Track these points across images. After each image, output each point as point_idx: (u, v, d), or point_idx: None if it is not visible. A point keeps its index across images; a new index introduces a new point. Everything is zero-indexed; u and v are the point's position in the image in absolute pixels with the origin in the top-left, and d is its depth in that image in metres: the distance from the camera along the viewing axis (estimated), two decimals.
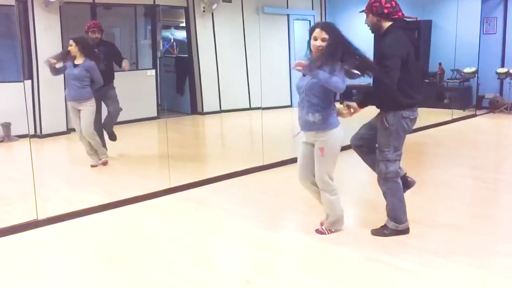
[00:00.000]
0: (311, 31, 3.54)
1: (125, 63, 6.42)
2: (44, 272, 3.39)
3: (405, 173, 3.89)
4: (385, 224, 3.82)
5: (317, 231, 3.88)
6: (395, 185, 3.71)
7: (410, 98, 3.58)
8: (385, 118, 3.60)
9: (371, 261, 3.38)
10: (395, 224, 3.76)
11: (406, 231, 3.78)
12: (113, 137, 6.48)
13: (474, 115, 9.89)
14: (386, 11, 3.53)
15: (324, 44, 3.47)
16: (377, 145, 3.73)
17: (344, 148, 3.91)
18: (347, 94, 3.99)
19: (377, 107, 3.69)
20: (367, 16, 3.66)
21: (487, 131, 8.83)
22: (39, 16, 8.05)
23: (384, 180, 3.71)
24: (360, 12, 3.73)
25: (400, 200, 3.74)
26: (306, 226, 4.05)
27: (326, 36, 3.47)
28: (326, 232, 3.85)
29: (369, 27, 3.68)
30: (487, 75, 10.16)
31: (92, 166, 6.05)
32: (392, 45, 3.48)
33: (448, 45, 10.29)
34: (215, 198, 4.94)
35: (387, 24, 3.57)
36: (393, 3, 3.55)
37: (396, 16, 3.56)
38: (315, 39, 3.50)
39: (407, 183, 3.87)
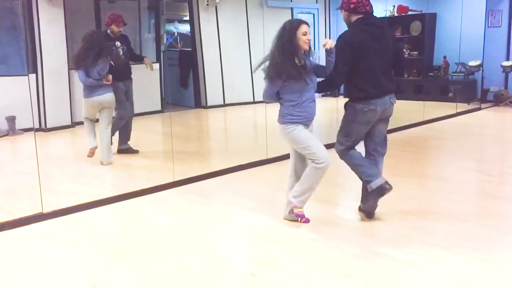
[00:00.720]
0: (296, 27, 3.72)
1: (148, 61, 6.41)
2: (49, 264, 3.40)
3: (385, 181, 3.87)
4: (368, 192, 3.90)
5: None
6: (348, 158, 3.92)
7: (362, 92, 3.76)
8: (345, 106, 3.92)
9: (376, 254, 3.38)
10: (371, 186, 3.82)
11: (383, 186, 3.81)
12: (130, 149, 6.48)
13: (479, 109, 9.85)
14: (352, 6, 3.77)
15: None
16: None
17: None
18: None
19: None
20: (341, 13, 3.93)
21: (492, 124, 8.80)
22: (43, 10, 8.05)
23: (340, 157, 3.99)
24: (336, 9, 4.04)
25: (359, 165, 3.88)
26: (311, 219, 4.05)
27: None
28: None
29: (346, 23, 3.92)
30: (492, 69, 10.11)
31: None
32: (337, 48, 3.73)
33: (453, 38, 10.24)
34: (219, 191, 4.95)
35: (354, 18, 3.81)
36: None
37: (363, 10, 3.76)
38: (305, 34, 3.72)
39: (382, 190, 3.85)
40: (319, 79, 3.94)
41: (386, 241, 3.58)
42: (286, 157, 5.93)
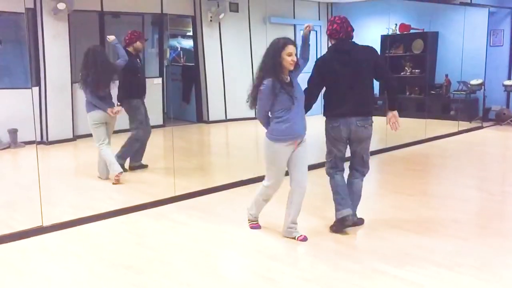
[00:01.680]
0: (283, 47, 3.78)
1: None
2: (49, 278, 3.38)
3: (350, 214, 4.06)
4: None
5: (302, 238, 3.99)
6: (330, 181, 4.20)
7: (329, 110, 4.10)
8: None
9: (376, 272, 3.36)
10: (336, 216, 4.06)
11: (345, 218, 4.01)
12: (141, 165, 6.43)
13: (481, 127, 9.86)
14: (328, 32, 4.11)
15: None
16: None
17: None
18: None
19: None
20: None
21: (493, 143, 8.79)
22: (47, 23, 8.12)
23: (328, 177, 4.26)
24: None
25: (334, 192, 4.14)
26: (311, 236, 4.03)
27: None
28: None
29: None
30: (493, 87, 10.13)
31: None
32: (312, 70, 4.12)
33: (454, 56, 10.29)
34: (220, 206, 4.93)
35: (332, 43, 4.15)
36: (335, 25, 4.06)
37: (337, 37, 4.05)
38: (290, 55, 3.77)
39: (344, 221, 4.06)
40: None
41: (387, 259, 3.56)
42: (287, 173, 5.95)
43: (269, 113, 3.93)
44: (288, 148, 3.86)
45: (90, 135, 8.20)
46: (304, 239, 3.94)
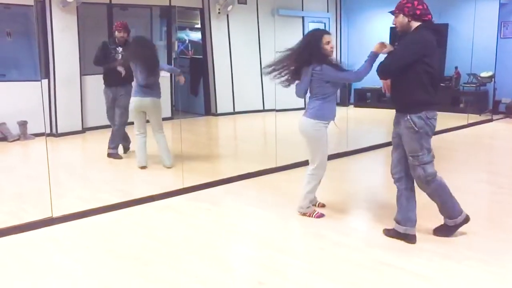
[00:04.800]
0: (320, 37, 4.11)
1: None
2: (58, 269, 3.42)
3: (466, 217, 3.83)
4: (445, 224, 3.82)
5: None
6: (438, 184, 3.71)
7: (428, 100, 3.60)
8: (412, 123, 3.58)
9: (384, 265, 3.35)
10: (452, 220, 3.77)
11: (465, 221, 3.79)
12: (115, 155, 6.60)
13: (491, 120, 9.78)
14: (418, 12, 3.56)
15: None
16: (407, 151, 3.68)
17: (357, 152, 3.92)
18: (361, 96, 4.39)
19: (397, 111, 3.73)
20: (396, 17, 3.68)
21: (503, 136, 8.72)
22: (56, 16, 8.14)
23: (426, 183, 3.69)
24: (389, 12, 3.75)
25: (448, 195, 3.76)
26: (318, 228, 4.03)
27: None
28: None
29: (397, 28, 3.70)
30: (504, 80, 10.05)
31: None
32: (409, 43, 3.58)
33: (464, 49, 10.20)
34: (228, 199, 4.95)
35: (416, 25, 3.59)
36: (425, 6, 3.59)
37: (426, 18, 3.59)
38: (329, 43, 4.11)
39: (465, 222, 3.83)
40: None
41: (395, 251, 3.55)
42: (295, 165, 5.97)
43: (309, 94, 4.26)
44: (326, 127, 4.19)
45: (99, 128, 8.31)
46: (321, 215, 4.25)
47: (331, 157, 5.10)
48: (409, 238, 3.70)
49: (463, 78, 10.46)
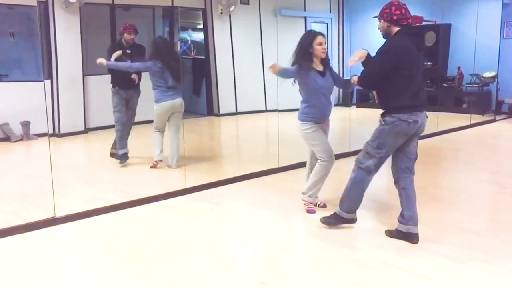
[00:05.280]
0: (313, 38, 4.26)
1: None
2: (60, 269, 3.42)
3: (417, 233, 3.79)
4: (335, 213, 4.02)
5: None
6: (359, 179, 3.87)
7: (406, 103, 3.69)
8: (382, 117, 3.78)
9: (386, 265, 3.35)
10: (343, 212, 3.96)
11: (351, 221, 4.00)
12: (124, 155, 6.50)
13: (493, 120, 9.76)
14: (395, 17, 3.68)
15: None
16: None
17: (359, 152, 3.92)
18: (364, 96, 4.65)
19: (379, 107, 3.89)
20: (379, 22, 3.83)
21: (506, 136, 8.70)
22: (59, 16, 8.16)
23: (356, 167, 3.90)
24: (374, 17, 3.93)
25: (357, 192, 3.91)
26: (321, 228, 4.03)
27: None
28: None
29: (381, 32, 3.84)
30: (507, 80, 10.02)
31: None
32: (382, 53, 3.69)
33: (467, 49, 10.19)
34: (231, 199, 4.95)
35: (395, 29, 3.71)
36: (403, 11, 3.69)
37: (405, 23, 3.70)
38: (321, 44, 4.25)
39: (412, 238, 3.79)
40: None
41: (397, 252, 3.55)
42: (297, 165, 5.96)
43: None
44: (317, 125, 4.34)
45: (101, 128, 8.33)
46: (324, 205, 4.50)
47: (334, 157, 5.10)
48: (412, 237, 3.71)
49: (466, 78, 10.45)
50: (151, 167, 6.01)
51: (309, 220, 4.31)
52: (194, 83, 10.95)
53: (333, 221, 4.01)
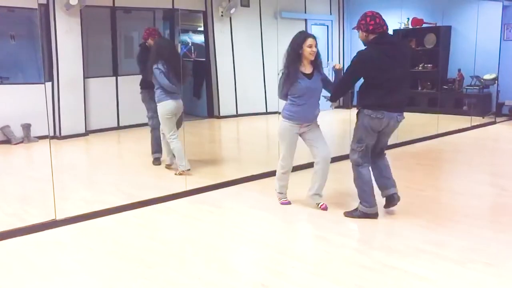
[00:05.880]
0: (304, 39, 4.28)
1: None
2: (61, 271, 3.42)
3: (395, 192, 4.34)
4: (356, 207, 4.29)
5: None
6: (358, 171, 4.22)
7: (373, 101, 4.07)
8: (357, 114, 4.23)
9: (387, 267, 3.35)
10: (363, 206, 4.22)
11: (374, 215, 4.23)
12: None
13: (494, 122, 9.76)
14: (371, 27, 4.05)
15: None
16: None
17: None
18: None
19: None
20: (358, 33, 4.19)
21: (506, 138, 8.71)
22: (60, 19, 8.17)
23: (352, 167, 4.29)
24: (352, 29, 4.28)
25: (360, 186, 4.23)
26: (321, 230, 4.03)
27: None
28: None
29: (362, 41, 4.20)
30: (507, 82, 10.02)
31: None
32: (355, 60, 4.09)
33: (467, 51, 10.19)
34: (231, 201, 4.95)
35: (372, 37, 4.09)
36: (377, 20, 4.06)
37: (380, 30, 4.06)
38: (310, 46, 4.26)
39: (391, 200, 4.36)
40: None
41: (398, 254, 3.55)
42: (298, 168, 5.95)
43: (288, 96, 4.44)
44: (293, 128, 4.40)
45: (102, 130, 8.34)
46: (325, 208, 4.45)
47: (334, 159, 5.10)
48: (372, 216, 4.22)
49: (466, 80, 10.45)
50: (175, 174, 5.85)
51: (309, 222, 4.31)
52: (195, 85, 10.95)
53: (355, 214, 4.27)
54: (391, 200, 4.33)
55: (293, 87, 4.31)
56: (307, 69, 4.33)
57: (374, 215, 4.22)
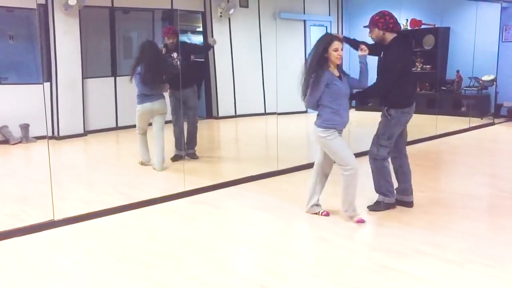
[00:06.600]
0: (330, 43, 4.07)
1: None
2: (60, 271, 3.42)
3: (412, 201, 4.62)
4: (377, 200, 4.52)
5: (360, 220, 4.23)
6: (383, 164, 4.44)
7: (405, 99, 4.37)
8: (387, 112, 4.37)
9: (386, 268, 3.35)
10: (383, 197, 4.47)
11: (393, 205, 4.51)
12: (192, 155, 6.58)
13: (492, 124, 9.77)
14: (391, 25, 4.25)
15: None
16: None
17: (359, 155, 3.95)
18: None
19: (381, 103, 4.47)
20: (371, 31, 4.35)
21: (505, 139, 8.72)
22: (59, 19, 8.17)
23: (373, 160, 4.47)
24: (364, 27, 4.42)
25: (386, 178, 4.46)
26: (320, 231, 4.03)
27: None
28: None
29: (373, 39, 4.39)
30: (505, 83, 10.04)
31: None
32: (393, 60, 4.24)
33: (466, 52, 10.21)
34: (230, 201, 4.94)
35: (391, 36, 4.27)
36: (395, 19, 4.28)
37: (398, 27, 4.30)
38: (337, 50, 4.07)
39: (405, 205, 4.61)
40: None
41: (397, 255, 3.55)
42: (296, 169, 5.98)
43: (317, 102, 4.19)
44: (335, 133, 4.17)
45: (100, 131, 8.33)
46: (362, 221, 4.19)
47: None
48: (407, 204, 4.53)
49: (464, 81, 10.46)
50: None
51: (308, 223, 4.31)
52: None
53: (378, 207, 4.47)
54: (405, 205, 4.59)
55: (329, 89, 4.05)
56: (335, 72, 4.14)
57: (393, 205, 4.52)
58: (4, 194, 5.29)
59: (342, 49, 4.10)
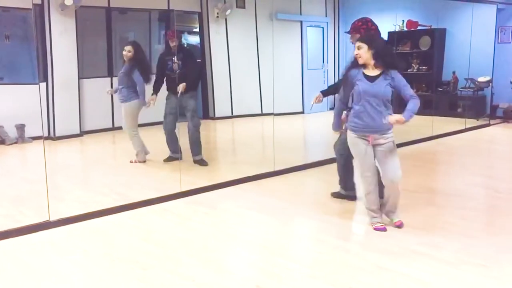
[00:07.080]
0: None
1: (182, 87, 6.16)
2: (55, 272, 3.41)
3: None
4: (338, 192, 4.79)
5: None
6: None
7: None
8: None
9: (382, 269, 3.35)
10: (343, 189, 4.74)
11: (353, 198, 4.77)
12: (200, 161, 6.50)
13: (488, 125, 9.81)
14: (373, 32, 4.34)
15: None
16: None
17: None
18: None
19: None
20: (352, 37, 4.42)
21: (501, 140, 8.75)
22: (55, 19, 8.14)
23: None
24: (345, 32, 4.53)
25: (346, 172, 4.66)
26: (317, 232, 4.03)
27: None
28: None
29: (354, 44, 4.15)
30: (501, 85, 10.08)
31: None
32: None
33: (462, 53, 10.23)
34: (226, 202, 4.94)
35: None
36: (376, 25, 4.41)
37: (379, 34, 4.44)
38: (358, 48, 3.95)
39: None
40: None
41: (393, 256, 3.55)
42: (293, 169, 5.97)
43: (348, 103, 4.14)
44: (359, 139, 3.97)
45: (97, 131, 8.31)
46: (401, 225, 4.05)
47: (329, 161, 5.11)
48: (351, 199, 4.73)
49: (460, 82, 10.49)
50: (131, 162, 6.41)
51: (304, 224, 4.31)
52: None
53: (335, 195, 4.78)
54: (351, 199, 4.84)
55: (354, 89, 3.94)
56: (370, 71, 3.92)
57: (353, 198, 4.77)
58: None
59: (359, 48, 3.90)
